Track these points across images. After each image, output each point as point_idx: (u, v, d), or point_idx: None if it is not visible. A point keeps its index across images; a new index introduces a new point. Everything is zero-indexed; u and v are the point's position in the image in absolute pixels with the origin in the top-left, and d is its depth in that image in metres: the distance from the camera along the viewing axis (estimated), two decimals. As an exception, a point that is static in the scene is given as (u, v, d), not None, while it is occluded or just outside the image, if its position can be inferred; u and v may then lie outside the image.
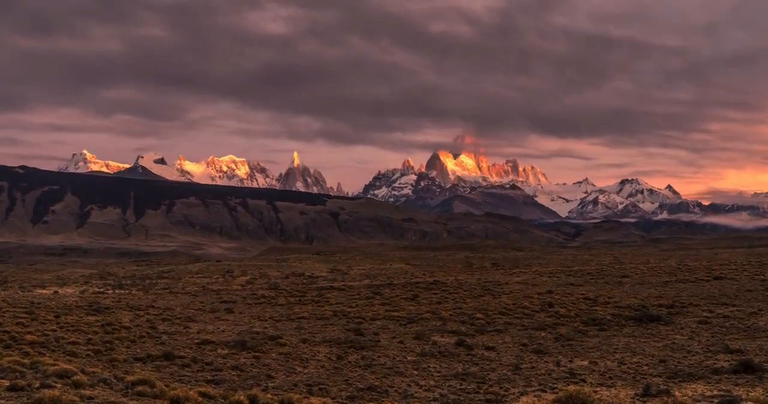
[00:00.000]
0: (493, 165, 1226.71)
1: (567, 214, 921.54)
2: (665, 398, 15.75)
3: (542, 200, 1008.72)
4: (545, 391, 18.30)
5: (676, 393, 17.46)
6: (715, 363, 21.16)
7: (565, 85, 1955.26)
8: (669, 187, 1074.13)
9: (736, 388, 17.97)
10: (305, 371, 21.32)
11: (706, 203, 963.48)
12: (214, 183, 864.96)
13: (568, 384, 18.95)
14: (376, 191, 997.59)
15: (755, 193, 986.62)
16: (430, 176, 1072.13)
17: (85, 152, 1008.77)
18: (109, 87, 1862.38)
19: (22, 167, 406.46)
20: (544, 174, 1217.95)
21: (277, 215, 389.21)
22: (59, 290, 54.68)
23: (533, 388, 18.68)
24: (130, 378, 16.86)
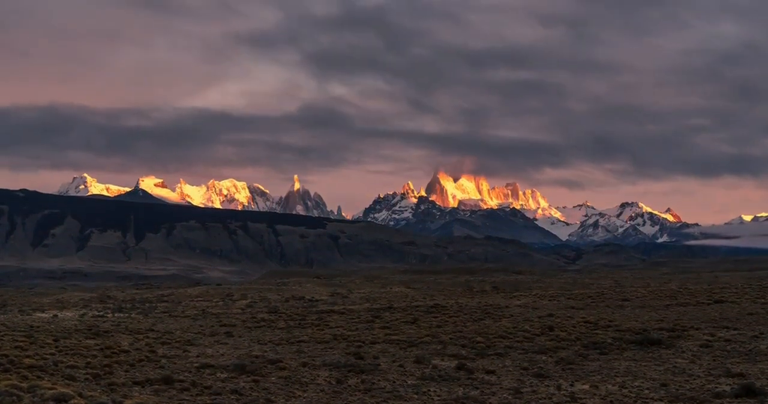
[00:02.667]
0: (493, 188, 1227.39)
1: (567, 237, 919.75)
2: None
3: (542, 223, 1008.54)
4: (546, 415, 18.22)
5: (678, 417, 17.39)
6: (716, 387, 21.07)
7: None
8: (668, 210, 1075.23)
9: (738, 412, 17.90)
10: (305, 395, 21.20)
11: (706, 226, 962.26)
12: (214, 206, 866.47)
13: (569, 408, 18.87)
14: (376, 215, 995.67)
15: (755, 216, 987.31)
16: (430, 199, 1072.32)
17: (85, 175, 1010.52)
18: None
19: (23, 191, 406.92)
20: (544, 197, 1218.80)
21: (277, 239, 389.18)
22: (58, 314, 54.45)
23: (534, 412, 18.58)
24: (128, 401, 16.81)
